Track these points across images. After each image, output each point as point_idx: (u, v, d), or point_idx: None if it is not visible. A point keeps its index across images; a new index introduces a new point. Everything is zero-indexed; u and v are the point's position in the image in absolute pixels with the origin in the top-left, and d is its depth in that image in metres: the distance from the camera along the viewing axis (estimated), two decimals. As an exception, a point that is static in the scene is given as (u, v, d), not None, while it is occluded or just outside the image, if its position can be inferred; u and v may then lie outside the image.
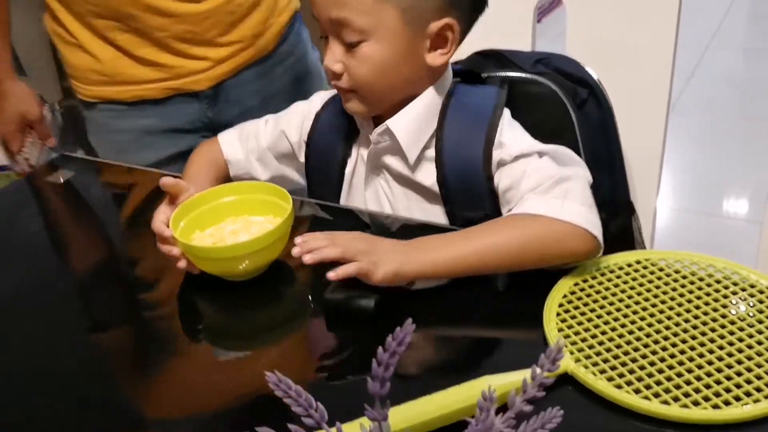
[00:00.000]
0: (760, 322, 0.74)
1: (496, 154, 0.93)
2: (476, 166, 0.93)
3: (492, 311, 0.82)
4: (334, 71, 0.92)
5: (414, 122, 0.95)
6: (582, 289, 0.80)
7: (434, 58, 0.92)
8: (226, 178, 1.05)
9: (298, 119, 1.06)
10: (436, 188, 0.96)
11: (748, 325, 0.73)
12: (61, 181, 1.16)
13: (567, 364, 0.71)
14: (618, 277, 0.81)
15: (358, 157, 1.03)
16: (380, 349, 0.45)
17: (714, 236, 2.18)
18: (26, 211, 1.14)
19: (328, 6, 0.89)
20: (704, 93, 2.98)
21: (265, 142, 1.07)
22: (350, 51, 0.90)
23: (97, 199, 1.18)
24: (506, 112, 0.96)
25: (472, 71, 1.01)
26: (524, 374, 0.49)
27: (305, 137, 1.05)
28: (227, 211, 0.93)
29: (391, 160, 0.98)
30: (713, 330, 0.73)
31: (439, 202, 0.98)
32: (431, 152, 0.96)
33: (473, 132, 0.94)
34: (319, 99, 1.06)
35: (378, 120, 0.98)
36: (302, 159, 1.06)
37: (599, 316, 0.76)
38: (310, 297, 0.88)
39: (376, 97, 0.95)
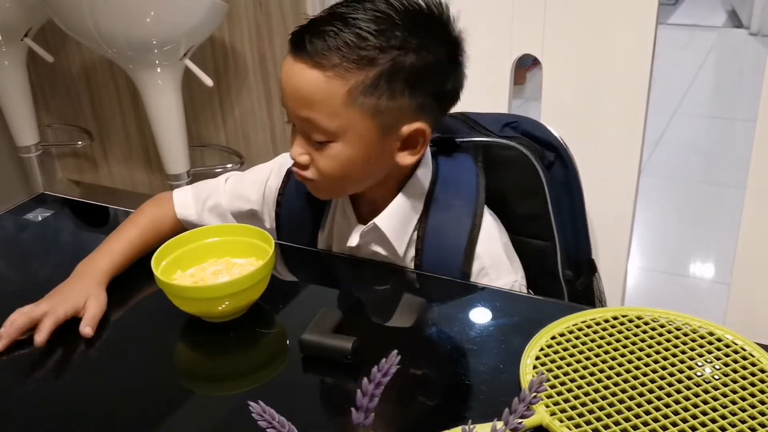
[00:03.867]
0: (735, 381, 0.75)
1: (477, 265, 0.97)
2: (456, 263, 0.96)
3: (469, 364, 0.82)
4: (300, 162, 0.93)
5: (400, 218, 0.98)
6: (559, 343, 0.81)
7: (404, 158, 0.94)
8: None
9: (262, 178, 1.08)
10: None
11: (723, 384, 0.75)
12: (39, 219, 1.15)
13: (542, 417, 0.71)
14: (595, 332, 0.83)
15: (333, 223, 1.05)
16: (365, 380, 0.45)
17: (682, 296, 2.22)
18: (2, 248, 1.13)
19: (297, 105, 0.89)
20: (670, 159, 3.06)
21: (225, 202, 1.08)
22: (317, 146, 0.91)
23: (75, 239, 1.17)
24: (486, 220, 0.99)
25: (447, 139, 1.04)
26: (501, 425, 0.49)
27: (275, 194, 1.06)
28: (210, 252, 0.94)
29: (379, 249, 1.00)
30: (688, 388, 0.74)
31: None
32: (414, 236, 0.99)
33: (455, 232, 0.97)
34: (288, 156, 1.05)
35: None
36: (267, 216, 1.08)
37: (575, 371, 0.77)
38: (287, 340, 0.88)
39: (342, 189, 0.98)
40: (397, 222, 0.98)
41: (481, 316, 0.90)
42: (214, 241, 0.94)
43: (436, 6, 0.92)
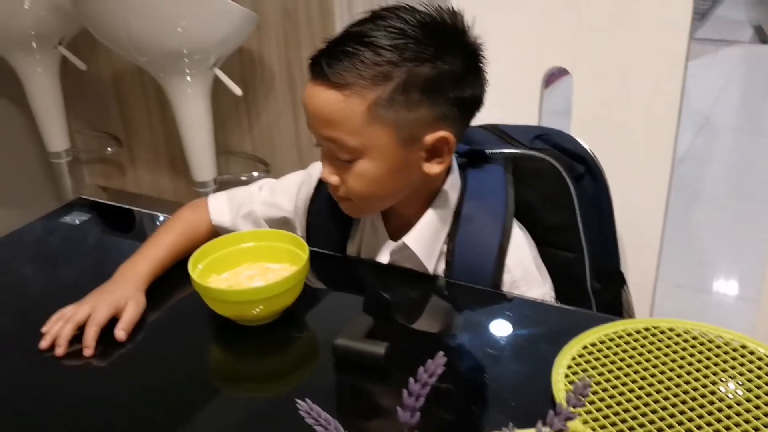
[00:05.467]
0: (767, 394, 0.75)
1: (508, 277, 0.98)
2: (486, 276, 0.97)
3: (499, 372, 0.83)
4: (331, 183, 0.95)
5: (429, 234, 0.99)
6: (591, 353, 0.82)
7: (431, 167, 0.95)
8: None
9: (294, 187, 1.09)
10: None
11: (756, 397, 0.75)
12: (77, 222, 1.17)
13: (575, 425, 0.72)
14: (627, 343, 0.83)
15: (362, 235, 1.06)
16: (411, 380, 0.46)
17: (706, 311, 2.20)
18: (39, 251, 1.15)
19: (320, 126, 0.92)
20: (697, 173, 3.05)
21: (259, 209, 1.09)
22: (343, 166, 0.93)
23: (111, 243, 1.20)
24: (515, 232, 1.00)
25: (477, 151, 1.05)
26: (546, 429, 0.50)
27: (306, 203, 1.08)
28: (245, 257, 0.95)
29: (409, 265, 1.01)
30: (720, 400, 0.74)
31: None
32: (443, 248, 1.00)
33: (484, 245, 0.98)
34: (320, 166, 1.07)
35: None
36: (298, 224, 1.09)
37: (608, 380, 0.78)
38: (320, 344, 0.89)
39: (374, 205, 1.00)
40: (426, 239, 0.99)
41: (511, 324, 0.91)
42: (250, 246, 0.96)
43: (449, 15, 0.93)
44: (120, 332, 0.88)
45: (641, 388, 0.76)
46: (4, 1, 2.07)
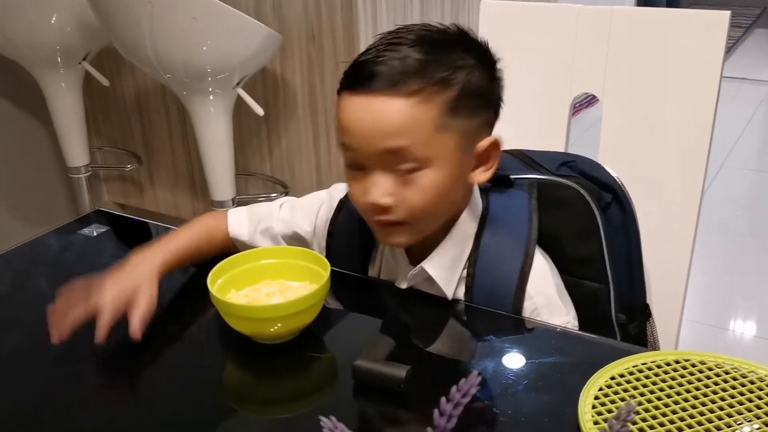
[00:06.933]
0: (804, 432, 0.72)
1: (529, 305, 0.95)
2: (506, 302, 0.95)
3: (524, 401, 0.80)
4: (385, 205, 0.89)
5: (449, 259, 0.97)
6: (619, 384, 0.79)
7: (478, 176, 0.93)
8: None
9: (314, 208, 1.08)
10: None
11: (791, 434, 0.72)
12: (95, 234, 1.16)
13: (602, 458, 0.69)
14: (656, 375, 0.80)
15: (382, 259, 1.04)
16: (443, 399, 0.44)
17: (725, 349, 2.16)
18: (56, 262, 1.15)
19: (383, 137, 0.86)
20: (716, 211, 3.01)
21: (277, 226, 1.08)
22: (404, 181, 0.88)
23: (128, 255, 1.18)
24: (538, 259, 0.97)
25: (502, 176, 1.02)
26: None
27: (326, 225, 1.06)
28: (265, 274, 0.93)
29: (429, 289, 0.99)
30: (755, 436, 0.72)
31: None
32: (463, 273, 0.98)
33: (505, 270, 0.96)
34: (342, 188, 1.06)
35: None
36: (317, 246, 1.07)
37: (636, 413, 0.75)
38: (339, 365, 0.87)
39: (427, 225, 0.94)
40: (445, 264, 0.97)
41: (535, 352, 0.88)
42: (270, 262, 0.94)
43: (457, 27, 0.93)
44: (136, 332, 0.86)
45: (672, 422, 0.73)
46: (31, 16, 2.09)
